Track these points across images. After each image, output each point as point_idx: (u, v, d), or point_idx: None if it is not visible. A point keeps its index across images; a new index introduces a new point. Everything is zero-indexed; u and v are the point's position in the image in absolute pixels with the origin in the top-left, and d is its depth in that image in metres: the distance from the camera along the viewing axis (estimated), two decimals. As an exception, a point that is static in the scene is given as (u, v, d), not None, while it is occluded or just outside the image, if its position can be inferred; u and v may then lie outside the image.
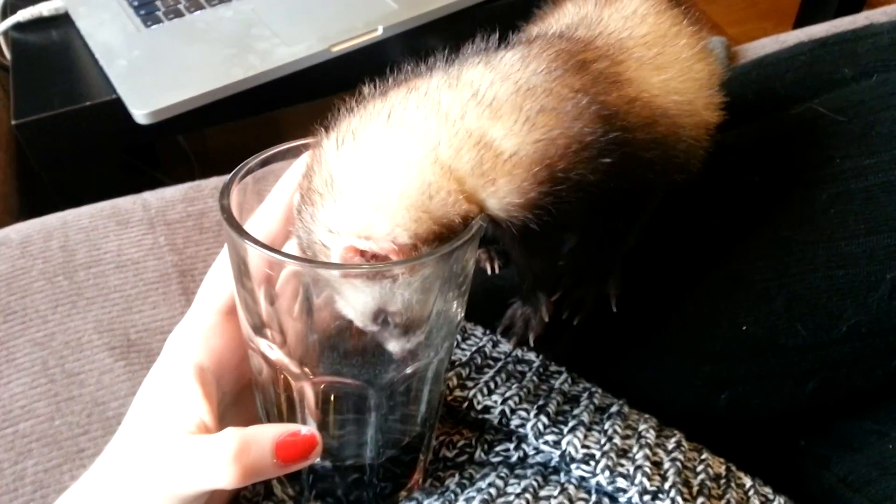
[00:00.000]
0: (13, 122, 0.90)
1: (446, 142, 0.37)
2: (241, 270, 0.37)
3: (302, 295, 0.38)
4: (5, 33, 1.05)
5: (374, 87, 0.40)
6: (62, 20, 1.04)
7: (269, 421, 0.43)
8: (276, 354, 0.39)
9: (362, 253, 0.36)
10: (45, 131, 0.91)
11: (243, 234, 0.35)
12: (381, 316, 0.37)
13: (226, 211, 0.37)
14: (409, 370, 0.40)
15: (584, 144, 0.39)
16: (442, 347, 0.41)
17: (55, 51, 1.01)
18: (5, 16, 1.06)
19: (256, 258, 0.36)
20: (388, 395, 0.40)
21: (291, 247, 0.40)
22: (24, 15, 1.03)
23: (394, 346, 0.38)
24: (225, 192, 0.38)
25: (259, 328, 0.39)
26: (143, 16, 1.01)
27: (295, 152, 0.42)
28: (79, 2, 1.05)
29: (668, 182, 0.49)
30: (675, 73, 0.45)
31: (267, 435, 0.37)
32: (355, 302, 0.37)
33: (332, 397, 0.41)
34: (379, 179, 0.36)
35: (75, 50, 1.00)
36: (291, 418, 0.41)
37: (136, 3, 1.03)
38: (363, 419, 0.41)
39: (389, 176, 0.36)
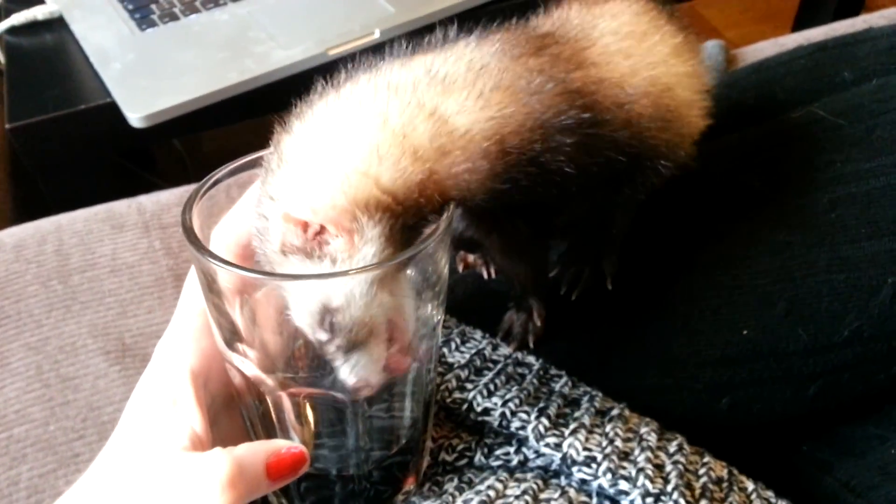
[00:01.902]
0: (7, 126, 0.89)
1: (397, 111, 0.37)
2: (207, 286, 0.37)
3: (273, 307, 0.38)
4: (-1, 37, 1.04)
5: (337, 76, 0.40)
6: (57, 24, 1.04)
7: (253, 431, 0.42)
8: (249, 367, 0.39)
9: (304, 226, 0.35)
10: (39, 135, 0.90)
11: (202, 249, 0.35)
12: (326, 318, 0.36)
13: (186, 227, 0.36)
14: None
15: (540, 122, 0.39)
16: (419, 351, 0.40)
17: (50, 54, 1.01)
18: (-1, 19, 1.06)
19: (218, 273, 0.35)
20: (367, 403, 0.40)
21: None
22: (18, 18, 1.03)
23: (343, 368, 0.37)
24: (187, 207, 0.37)
25: (230, 342, 0.38)
26: (138, 19, 1.01)
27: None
28: (73, 5, 1.04)
29: (651, 171, 0.48)
30: (645, 61, 0.45)
31: (259, 455, 0.36)
32: (299, 298, 0.36)
33: (311, 407, 0.41)
34: (322, 147, 0.36)
35: (70, 54, 0.99)
36: (272, 429, 0.41)
37: (130, 7, 1.03)
38: (344, 427, 0.41)
39: (333, 142, 0.36)
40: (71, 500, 0.38)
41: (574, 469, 0.44)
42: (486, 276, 0.58)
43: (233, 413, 0.43)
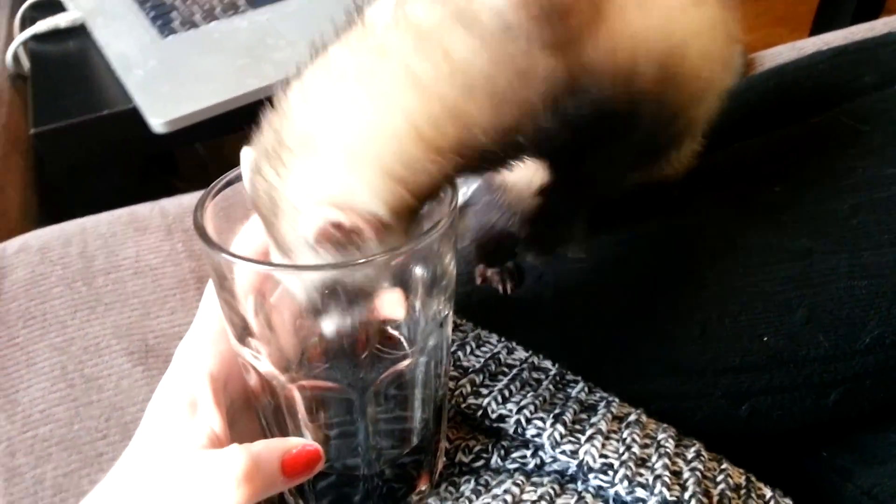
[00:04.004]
0: (32, 132, 0.91)
1: (423, 115, 0.36)
2: (219, 283, 0.38)
3: (289, 311, 0.39)
4: (24, 44, 1.06)
5: (331, 33, 0.39)
6: (79, 31, 1.05)
7: (268, 430, 0.43)
8: (262, 363, 0.39)
9: (338, 226, 0.35)
10: (63, 140, 0.92)
11: (212, 244, 0.36)
12: (331, 288, 0.36)
13: (197, 224, 0.37)
14: (392, 370, 0.40)
15: (543, 109, 0.39)
16: (427, 347, 0.40)
17: (73, 61, 1.02)
18: (24, 27, 1.08)
19: (227, 267, 0.36)
20: (375, 398, 0.40)
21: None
22: (41, 26, 1.05)
23: (328, 323, 0.38)
24: (199, 205, 0.38)
25: (242, 338, 0.39)
26: (160, 26, 1.02)
27: None
28: (96, 13, 1.06)
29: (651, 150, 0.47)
30: (661, 14, 0.42)
31: (274, 452, 0.37)
32: (312, 275, 0.36)
33: (323, 405, 0.41)
34: (358, 146, 0.36)
35: (93, 60, 1.01)
36: (286, 428, 0.42)
37: (152, 14, 1.04)
38: (355, 426, 0.41)
39: (368, 144, 0.36)
40: (94, 500, 0.39)
41: (591, 476, 0.44)
42: (502, 292, 0.58)
43: (251, 415, 0.44)
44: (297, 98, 0.37)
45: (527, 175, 0.49)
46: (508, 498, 0.43)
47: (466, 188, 0.54)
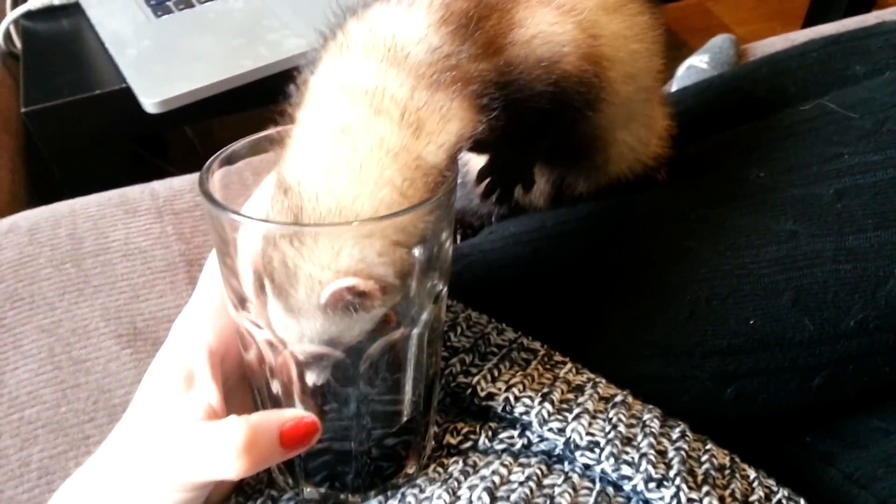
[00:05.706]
0: (23, 110, 0.90)
1: (401, 175, 0.38)
2: (221, 248, 0.38)
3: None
4: (16, 21, 1.05)
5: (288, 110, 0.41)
6: (73, 9, 1.05)
7: (261, 405, 0.43)
8: (261, 331, 0.39)
9: (352, 290, 0.36)
10: (54, 119, 0.91)
11: (218, 204, 0.36)
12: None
13: (203, 186, 0.37)
14: (385, 340, 0.40)
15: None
16: (420, 320, 0.41)
17: (65, 40, 1.02)
18: (16, 4, 1.07)
19: (234, 229, 0.36)
20: (369, 368, 0.40)
21: None
22: (34, 3, 1.04)
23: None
24: (206, 171, 0.39)
25: (241, 303, 0.39)
26: (154, 6, 1.01)
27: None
28: (89, -9, 1.05)
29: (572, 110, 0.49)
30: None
31: (273, 423, 0.37)
32: (315, 330, 0.37)
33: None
34: (367, 224, 0.37)
35: (86, 39, 1.00)
36: (278, 402, 0.42)
37: (146, -6, 1.03)
38: (347, 399, 0.41)
39: (376, 220, 0.37)
40: (86, 473, 0.39)
41: (577, 454, 0.45)
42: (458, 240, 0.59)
43: (245, 393, 0.44)
44: (297, 183, 0.38)
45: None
46: (496, 479, 0.44)
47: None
